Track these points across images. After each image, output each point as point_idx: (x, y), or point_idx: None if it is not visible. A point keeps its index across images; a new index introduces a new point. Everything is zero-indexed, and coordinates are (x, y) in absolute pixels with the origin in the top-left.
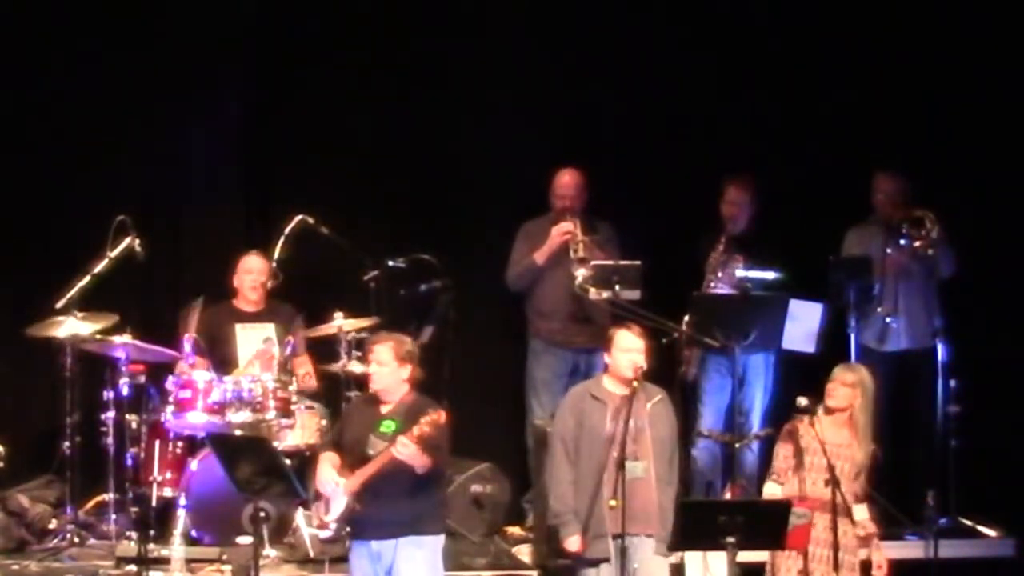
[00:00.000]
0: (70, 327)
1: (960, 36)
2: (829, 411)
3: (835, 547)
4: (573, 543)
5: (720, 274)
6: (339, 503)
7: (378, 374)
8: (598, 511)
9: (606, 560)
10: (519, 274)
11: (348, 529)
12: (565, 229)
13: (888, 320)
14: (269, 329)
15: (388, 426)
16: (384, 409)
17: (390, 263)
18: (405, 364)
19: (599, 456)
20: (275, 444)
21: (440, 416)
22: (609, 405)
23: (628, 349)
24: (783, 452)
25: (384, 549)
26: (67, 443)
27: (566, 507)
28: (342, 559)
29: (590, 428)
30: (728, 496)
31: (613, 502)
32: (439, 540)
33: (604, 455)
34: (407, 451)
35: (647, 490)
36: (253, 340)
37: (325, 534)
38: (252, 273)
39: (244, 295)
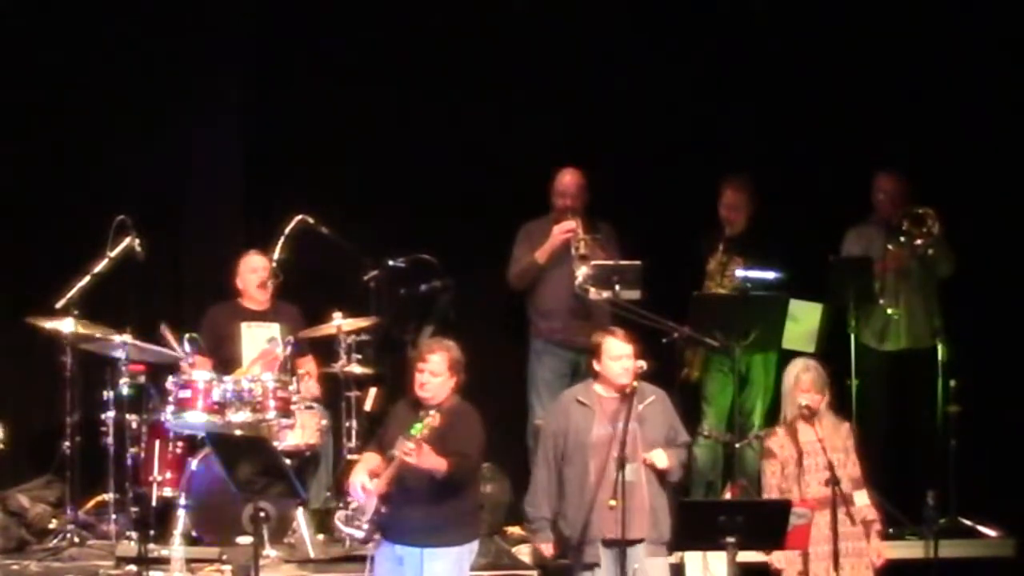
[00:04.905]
0: (70, 327)
1: (960, 36)
2: (810, 411)
3: (835, 547)
4: (546, 549)
5: (721, 279)
6: (369, 505)
7: (430, 384)
8: (586, 516)
9: (597, 564)
10: (520, 273)
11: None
12: (567, 227)
13: (890, 312)
14: (274, 329)
15: (417, 428)
16: (422, 412)
17: (390, 263)
18: (455, 375)
19: (584, 462)
20: (275, 444)
21: (435, 419)
22: (597, 410)
23: (618, 356)
24: (768, 469)
25: (407, 555)
26: (67, 443)
27: (539, 513)
28: (344, 559)
29: (575, 433)
30: (728, 496)
31: (613, 502)
32: (464, 549)
33: (593, 460)
34: (410, 455)
35: (639, 493)
36: (258, 339)
37: (358, 534)
38: (257, 271)
39: (251, 295)
